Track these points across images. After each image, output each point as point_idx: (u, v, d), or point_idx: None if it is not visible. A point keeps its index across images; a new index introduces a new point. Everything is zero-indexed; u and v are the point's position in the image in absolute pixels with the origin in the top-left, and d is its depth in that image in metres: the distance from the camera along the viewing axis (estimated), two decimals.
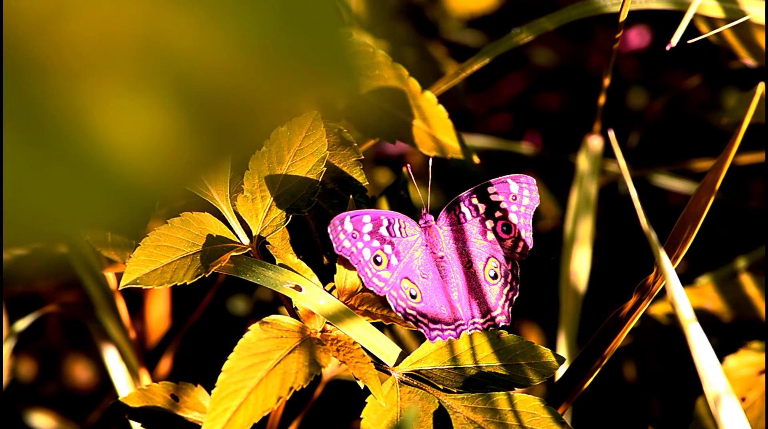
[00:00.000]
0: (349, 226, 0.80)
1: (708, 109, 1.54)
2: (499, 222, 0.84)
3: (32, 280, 1.21)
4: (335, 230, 0.80)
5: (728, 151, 0.74)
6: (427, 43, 1.29)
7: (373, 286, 0.81)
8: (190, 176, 0.42)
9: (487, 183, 0.84)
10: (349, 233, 0.80)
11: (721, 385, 0.71)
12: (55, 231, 0.41)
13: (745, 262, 1.14)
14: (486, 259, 0.84)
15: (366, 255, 0.81)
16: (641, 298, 0.81)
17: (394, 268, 0.82)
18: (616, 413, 1.31)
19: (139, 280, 0.78)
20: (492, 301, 0.84)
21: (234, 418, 0.74)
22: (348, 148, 0.87)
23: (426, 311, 0.82)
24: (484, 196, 0.84)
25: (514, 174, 0.85)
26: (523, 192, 0.84)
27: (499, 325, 0.84)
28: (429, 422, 0.80)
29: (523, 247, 0.84)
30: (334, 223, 0.80)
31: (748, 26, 1.03)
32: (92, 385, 1.44)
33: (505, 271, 0.84)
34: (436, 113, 0.97)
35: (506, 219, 0.84)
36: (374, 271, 0.81)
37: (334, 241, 0.80)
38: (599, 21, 1.62)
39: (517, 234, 0.84)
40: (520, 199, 0.84)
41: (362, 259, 0.81)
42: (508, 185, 0.84)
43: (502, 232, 0.84)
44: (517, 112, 1.64)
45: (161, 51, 0.39)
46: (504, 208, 0.84)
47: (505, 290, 0.84)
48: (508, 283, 0.84)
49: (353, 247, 0.80)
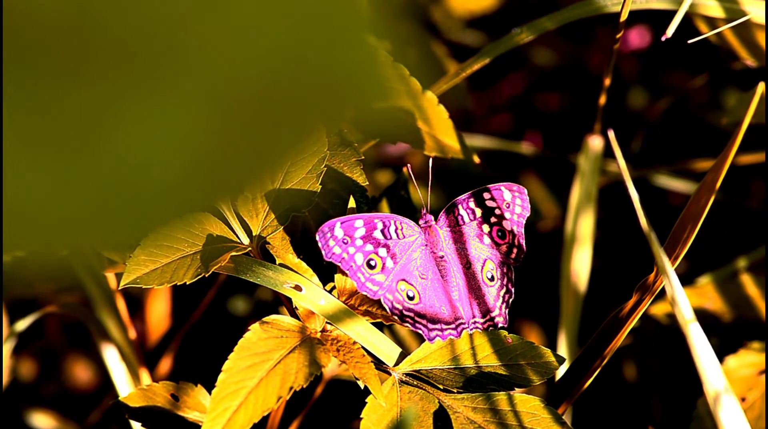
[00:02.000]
0: (339, 232, 0.80)
1: (708, 110, 1.54)
2: (494, 227, 0.85)
3: (32, 283, 1.21)
4: (324, 237, 0.80)
5: (728, 151, 0.74)
6: (429, 43, 1.29)
7: (366, 290, 0.81)
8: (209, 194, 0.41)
9: (484, 188, 0.85)
10: (340, 239, 0.80)
11: (721, 385, 0.71)
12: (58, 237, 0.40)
13: (746, 262, 1.14)
14: (483, 261, 0.84)
15: (358, 260, 0.81)
16: (641, 298, 0.81)
17: (390, 271, 0.82)
18: (616, 413, 1.31)
19: (139, 279, 0.78)
20: (490, 301, 0.84)
21: (234, 418, 0.74)
22: (348, 148, 0.87)
23: (424, 311, 0.82)
24: (480, 200, 0.85)
25: (508, 182, 0.85)
26: (516, 200, 0.85)
27: (498, 326, 0.84)
28: (429, 422, 0.80)
29: (516, 254, 0.85)
30: (323, 230, 0.80)
31: (748, 26, 1.03)
32: (92, 385, 1.44)
33: (501, 274, 0.85)
34: (436, 113, 0.97)
35: (501, 225, 0.85)
36: (367, 275, 0.81)
37: (323, 248, 0.80)
38: (600, 21, 1.62)
39: (511, 240, 0.85)
40: (513, 207, 0.85)
41: (354, 264, 0.81)
42: (502, 192, 0.85)
43: (497, 237, 0.85)
44: (517, 112, 1.64)
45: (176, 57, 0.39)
46: (499, 214, 0.85)
47: (502, 292, 0.84)
48: (504, 285, 0.84)
49: (344, 253, 0.80)
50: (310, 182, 0.82)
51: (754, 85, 0.78)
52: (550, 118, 1.63)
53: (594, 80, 1.61)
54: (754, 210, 1.42)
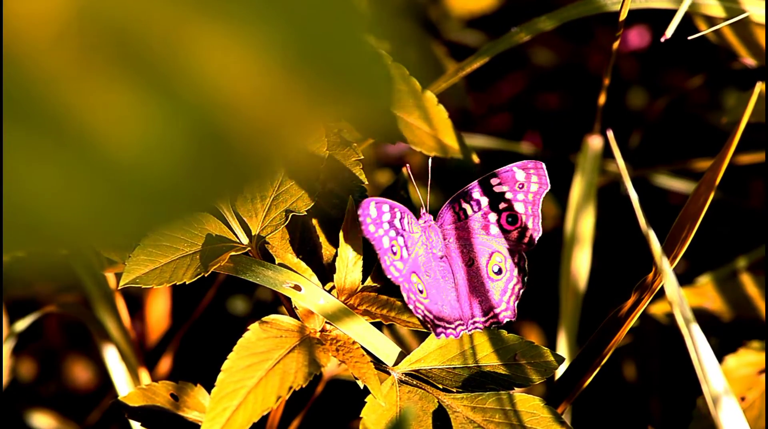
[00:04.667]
0: (373, 211, 0.80)
1: (708, 109, 1.54)
2: (503, 214, 0.84)
3: (32, 283, 1.21)
4: (363, 213, 0.79)
5: (727, 150, 0.74)
6: (429, 43, 1.29)
7: (390, 274, 0.80)
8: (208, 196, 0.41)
9: (492, 173, 0.84)
10: (374, 218, 0.80)
11: (720, 384, 0.71)
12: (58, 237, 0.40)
13: (745, 262, 1.14)
14: (489, 254, 0.84)
15: (385, 243, 0.80)
16: (640, 297, 0.81)
17: (406, 261, 0.82)
18: (615, 413, 1.31)
19: (138, 279, 0.78)
20: (495, 297, 0.83)
21: (233, 418, 0.74)
22: (348, 148, 0.87)
23: (431, 308, 0.82)
24: (487, 188, 0.84)
25: (521, 161, 0.84)
26: (532, 178, 0.83)
27: (503, 321, 0.83)
28: (428, 422, 0.80)
29: (530, 237, 0.84)
30: (363, 205, 0.79)
31: (748, 25, 1.03)
32: (92, 385, 1.45)
33: (510, 265, 0.84)
34: (436, 113, 0.97)
35: (512, 209, 0.84)
36: (391, 259, 0.81)
37: (363, 224, 0.79)
38: (599, 21, 1.62)
39: (524, 224, 0.84)
40: (528, 185, 0.83)
41: (382, 246, 0.80)
42: (514, 174, 0.83)
43: (507, 223, 0.84)
44: (517, 112, 1.64)
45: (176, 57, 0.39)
46: (509, 199, 0.84)
47: (511, 284, 0.84)
48: (513, 276, 0.84)
49: (376, 233, 0.80)
50: (310, 182, 0.82)
51: (753, 85, 0.78)
52: (550, 118, 1.63)
53: (593, 80, 1.61)
54: (753, 210, 1.42)
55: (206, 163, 0.40)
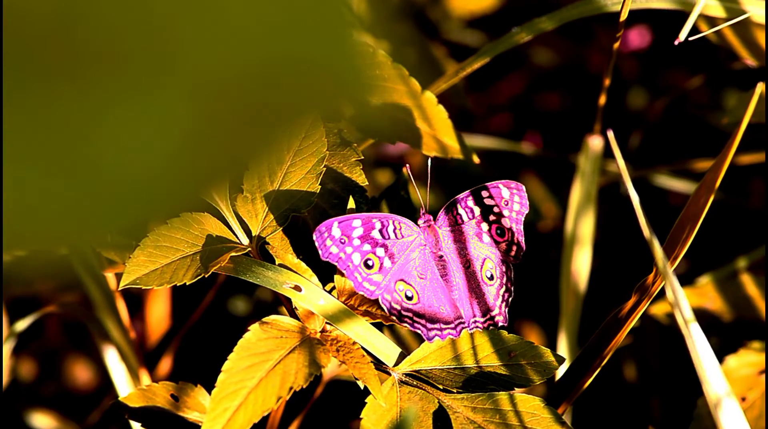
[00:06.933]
0: (337, 231, 0.80)
1: (708, 110, 1.54)
2: (493, 225, 0.85)
3: (32, 282, 1.21)
4: (321, 237, 0.80)
5: (727, 151, 0.74)
6: (428, 43, 1.29)
7: (363, 290, 0.81)
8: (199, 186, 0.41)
9: (482, 186, 0.85)
10: (337, 239, 0.80)
11: (720, 385, 0.71)
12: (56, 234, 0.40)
13: (746, 262, 1.14)
14: (483, 260, 0.85)
15: (355, 259, 0.81)
16: (641, 298, 0.81)
17: (387, 271, 0.82)
18: (616, 413, 1.31)
19: (138, 280, 0.78)
20: (490, 301, 0.84)
21: (234, 418, 0.74)
22: (348, 148, 0.87)
23: (423, 311, 0.82)
24: (479, 199, 0.85)
25: (506, 180, 0.85)
26: (514, 198, 0.85)
27: (498, 325, 0.84)
28: (429, 422, 0.79)
29: (516, 251, 0.85)
30: (320, 229, 0.80)
31: (748, 26, 1.03)
32: (92, 385, 1.44)
33: (500, 273, 0.85)
34: (436, 113, 0.97)
35: (500, 223, 0.85)
36: (365, 275, 0.81)
37: (320, 247, 0.80)
38: (599, 21, 1.62)
39: (510, 238, 0.85)
40: (511, 204, 0.85)
41: (351, 264, 0.81)
42: (500, 190, 0.85)
43: (496, 235, 0.85)
44: (517, 112, 1.64)
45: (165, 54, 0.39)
46: (497, 212, 0.85)
47: (501, 291, 0.84)
48: (503, 284, 0.84)
49: (341, 253, 0.81)
50: (310, 182, 0.82)
51: (754, 85, 0.78)
52: (550, 118, 1.63)
53: (594, 80, 1.61)
54: (754, 210, 1.42)
55: (201, 154, 0.41)
